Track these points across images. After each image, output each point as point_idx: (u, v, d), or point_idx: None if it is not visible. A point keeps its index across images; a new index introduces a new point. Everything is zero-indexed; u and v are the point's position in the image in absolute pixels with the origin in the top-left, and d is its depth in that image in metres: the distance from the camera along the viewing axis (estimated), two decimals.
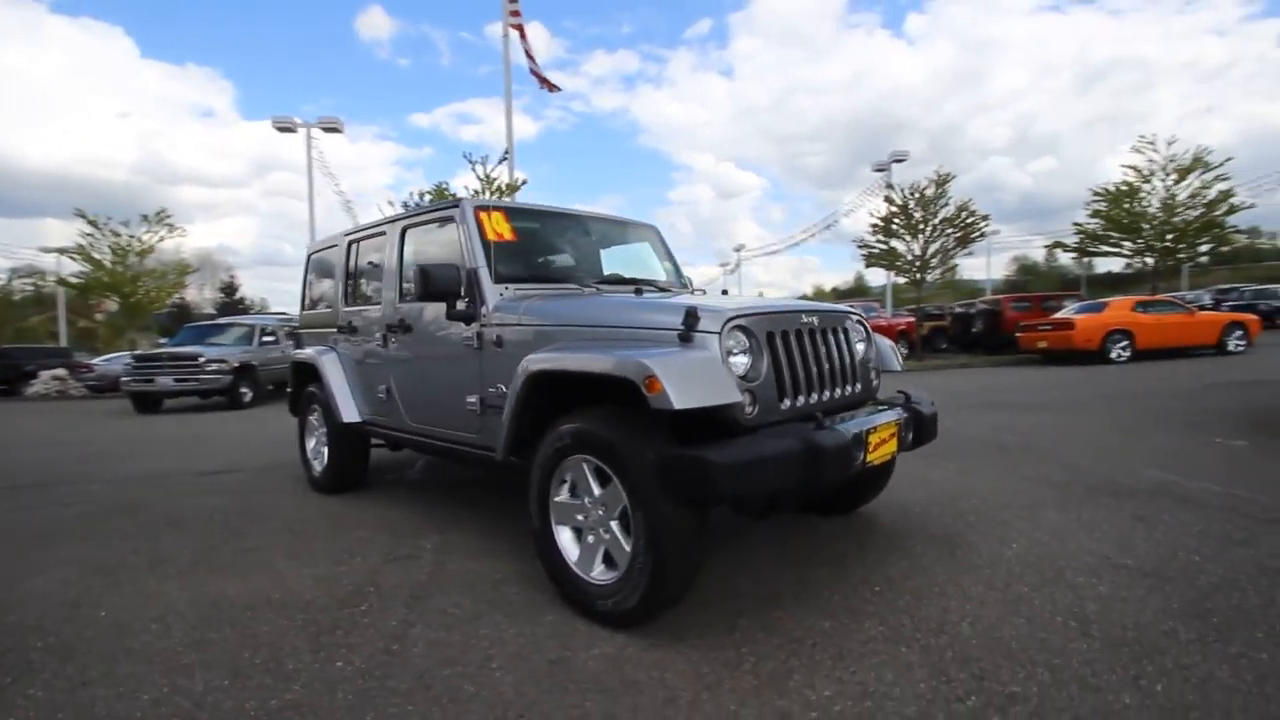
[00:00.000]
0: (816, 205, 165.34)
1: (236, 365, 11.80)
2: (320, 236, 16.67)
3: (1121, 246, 16.27)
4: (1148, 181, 15.50)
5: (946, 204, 14.50)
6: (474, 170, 13.95)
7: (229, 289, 51.55)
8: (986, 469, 4.45)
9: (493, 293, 3.09)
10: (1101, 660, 2.01)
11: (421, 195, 14.37)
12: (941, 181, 14.66)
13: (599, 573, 2.41)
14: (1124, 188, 15.91)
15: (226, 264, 52.47)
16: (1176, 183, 15.00)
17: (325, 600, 2.71)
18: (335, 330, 4.41)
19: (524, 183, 14.39)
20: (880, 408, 2.85)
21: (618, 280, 3.60)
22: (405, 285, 3.73)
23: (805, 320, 2.64)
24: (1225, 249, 16.49)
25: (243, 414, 10.59)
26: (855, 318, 2.99)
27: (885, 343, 3.24)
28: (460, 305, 3.12)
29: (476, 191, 13.76)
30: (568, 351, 2.51)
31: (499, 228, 3.31)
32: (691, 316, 2.31)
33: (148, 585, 2.95)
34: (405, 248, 3.75)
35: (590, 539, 2.45)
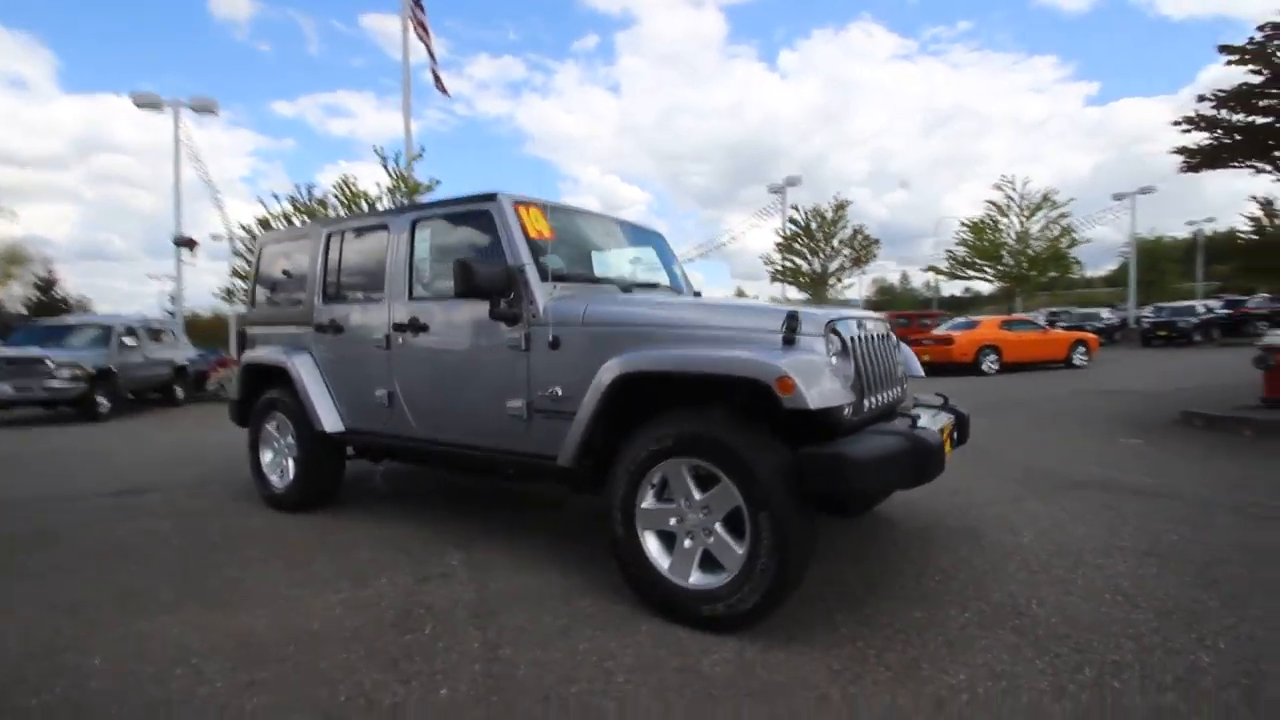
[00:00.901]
0: (699, 223, 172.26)
1: (92, 372, 10.22)
2: (177, 229, 14.80)
3: (985, 271, 18.49)
4: (1005, 216, 17.76)
5: (845, 227, 15.71)
6: (385, 168, 13.13)
7: (46, 285, 44.27)
8: (951, 467, 4.84)
9: (542, 292, 2.94)
10: (1165, 628, 2.27)
11: (310, 190, 13.46)
12: (839, 207, 15.87)
13: (698, 578, 2.37)
14: (986, 220, 18.10)
15: (42, 256, 44.77)
16: (1029, 218, 17.32)
17: (375, 627, 2.43)
18: (308, 329, 3.97)
19: (438, 183, 13.74)
20: (929, 409, 3.04)
21: (636, 284, 3.56)
22: (419, 281, 3.46)
23: (870, 325, 2.77)
24: (1071, 275, 19.19)
25: (104, 427, 9.18)
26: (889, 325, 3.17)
27: (907, 349, 3.46)
28: (503, 305, 2.95)
29: (390, 190, 12.96)
30: (668, 351, 2.45)
31: (538, 224, 3.17)
32: (794, 320, 2.35)
33: (135, 625, 2.49)
34: (417, 243, 3.48)
35: (687, 544, 2.40)
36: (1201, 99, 7.42)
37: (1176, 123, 7.73)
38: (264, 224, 14.18)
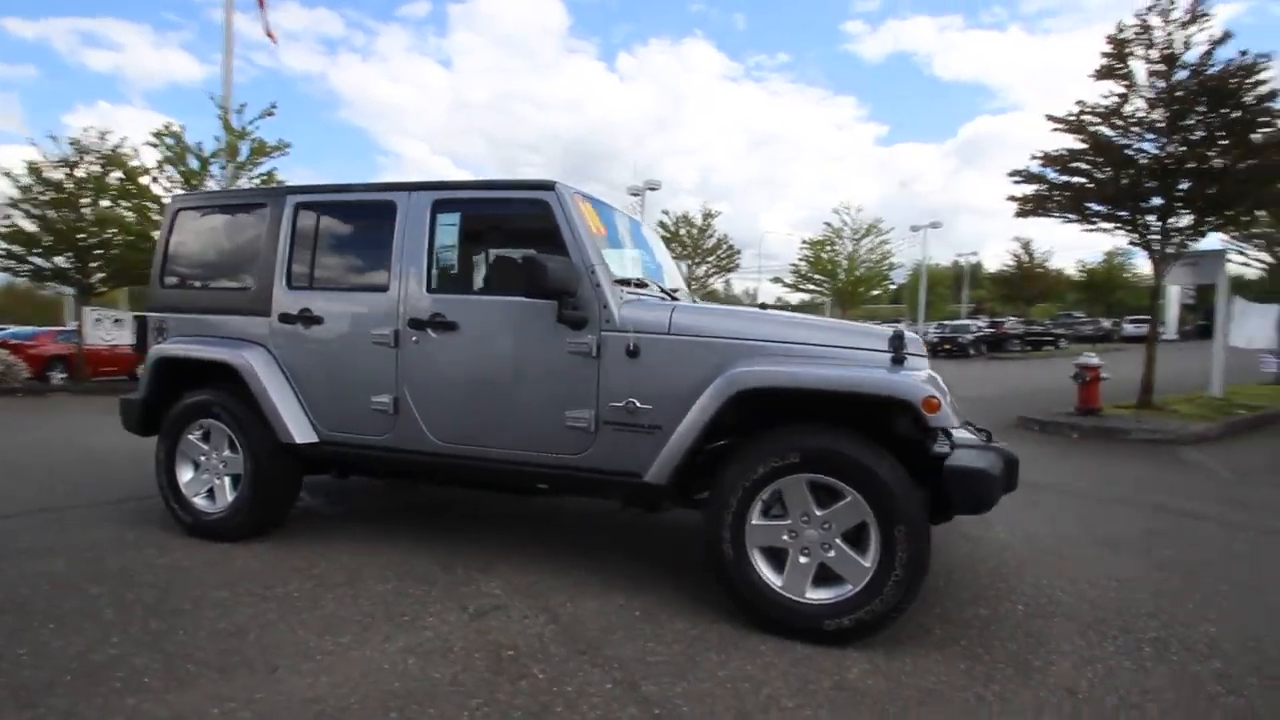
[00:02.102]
0: None
1: None
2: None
3: (821, 286, 20.66)
4: (840, 238, 20.00)
5: (712, 235, 16.57)
6: (223, 120, 11.19)
7: None
8: None
9: (616, 295, 2.75)
10: (1164, 606, 2.75)
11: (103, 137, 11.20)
12: (708, 215, 16.70)
13: (815, 593, 2.38)
14: (823, 240, 20.22)
15: None
16: (859, 241, 19.69)
17: (473, 677, 2.10)
18: (264, 319, 3.29)
19: (289, 147, 12.00)
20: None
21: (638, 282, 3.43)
22: (441, 272, 3.03)
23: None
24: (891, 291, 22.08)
25: None
26: None
27: None
28: (571, 307, 2.71)
29: (224, 150, 11.06)
30: (806, 369, 2.41)
31: (594, 220, 2.96)
32: (900, 340, 2.46)
33: (146, 708, 1.89)
34: (439, 227, 3.04)
35: (802, 560, 2.40)
36: (1032, 158, 9.00)
37: (1011, 174, 9.30)
38: (35, 171, 11.40)
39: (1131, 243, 8.85)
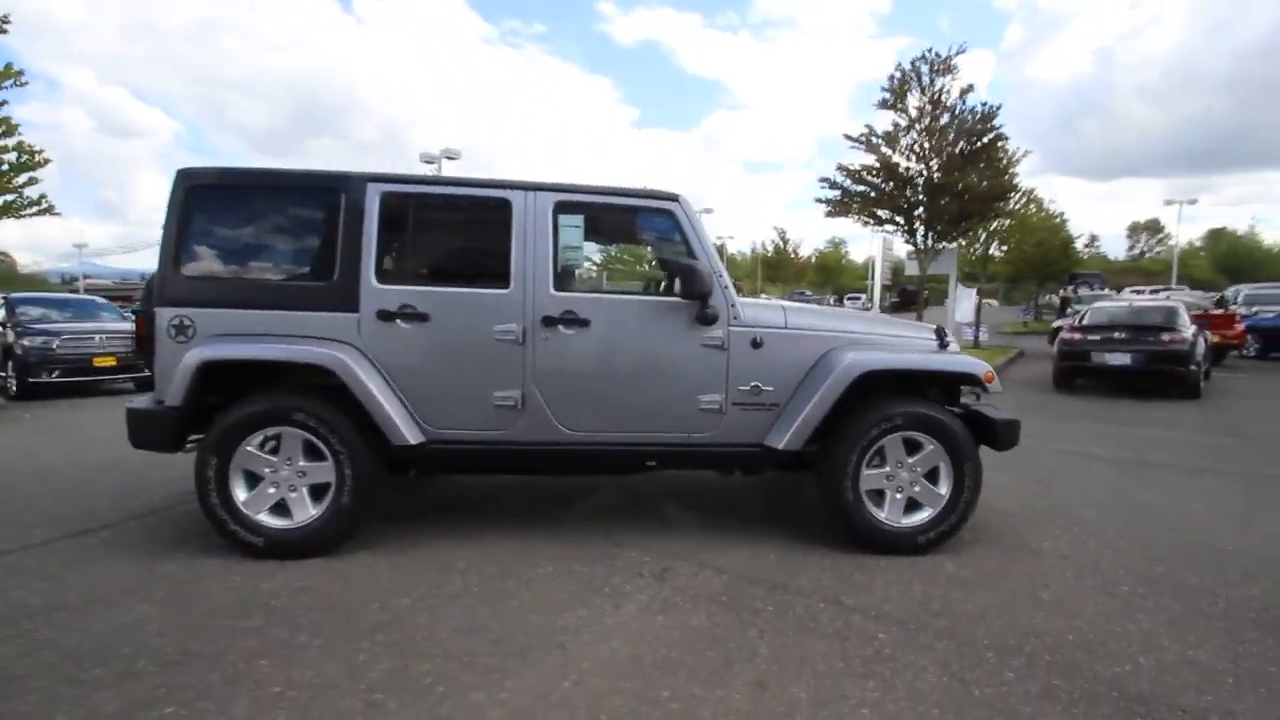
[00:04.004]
0: None
1: None
2: None
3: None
4: None
5: None
6: None
7: None
8: None
9: (734, 295, 3.26)
10: (1198, 570, 4.16)
11: None
12: None
13: (907, 519, 3.25)
14: None
15: None
16: None
17: (719, 616, 2.56)
18: (350, 316, 3.07)
19: (21, 76, 9.17)
20: None
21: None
22: (567, 271, 3.18)
23: None
24: None
25: None
26: None
27: None
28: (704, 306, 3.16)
29: None
30: (898, 355, 3.20)
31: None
32: (942, 331, 3.43)
33: (475, 699, 2.01)
34: (562, 228, 3.18)
35: (897, 496, 3.24)
36: (838, 168, 11.07)
37: (821, 180, 11.31)
38: None
39: (905, 241, 11.49)
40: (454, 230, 3.28)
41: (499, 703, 1.99)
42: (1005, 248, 25.30)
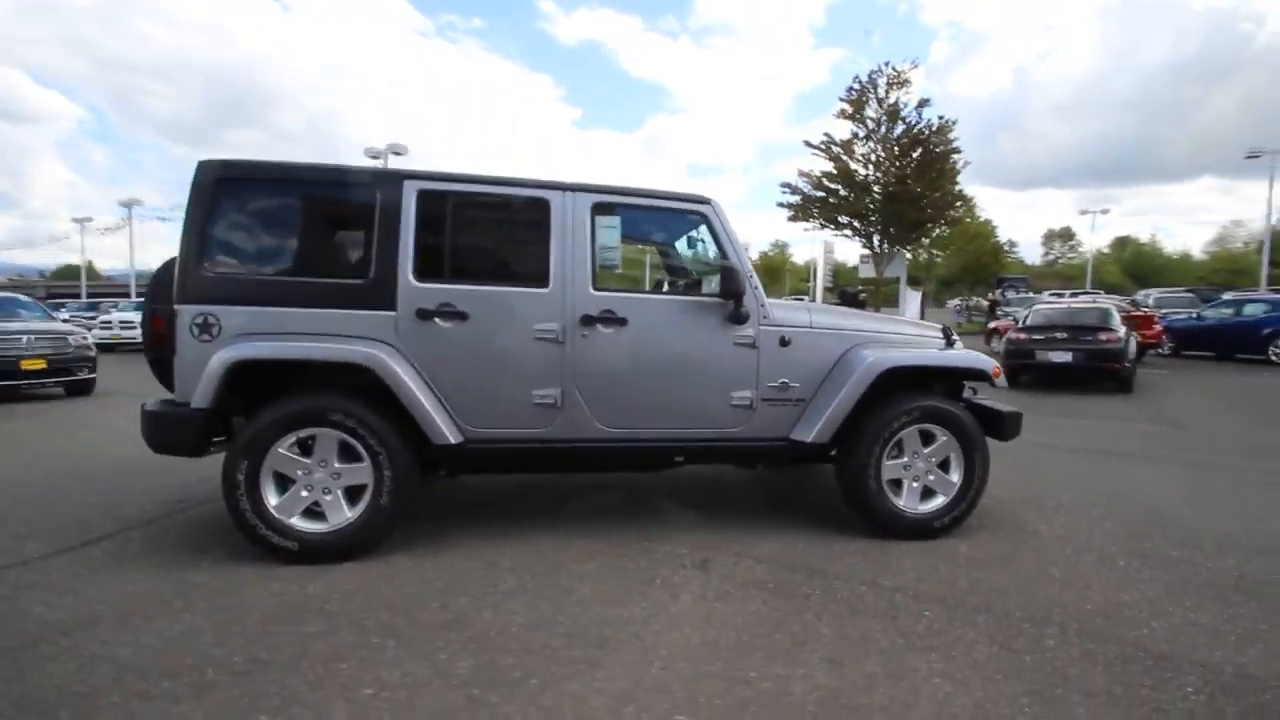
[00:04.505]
0: (167, 161, 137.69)
1: None
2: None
3: None
4: None
5: None
6: None
7: None
8: None
9: (763, 295, 3.39)
10: (1199, 549, 4.50)
11: None
12: None
13: (922, 506, 3.45)
14: None
15: None
16: None
17: (773, 600, 2.68)
18: (388, 314, 3.03)
19: None
20: None
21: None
22: (603, 271, 3.23)
23: None
24: None
25: None
26: None
27: None
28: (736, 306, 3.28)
29: None
30: (916, 352, 3.41)
31: None
32: (949, 330, 3.67)
33: (572, 690, 2.06)
34: (599, 229, 3.23)
35: (914, 485, 3.45)
36: (800, 174, 11.45)
37: (782, 186, 11.67)
38: None
39: (863, 245, 12.01)
40: (492, 229, 3.28)
41: (596, 691, 2.04)
42: (941, 254, 26.72)
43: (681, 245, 3.69)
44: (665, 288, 4.14)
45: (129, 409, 4.22)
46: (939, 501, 3.47)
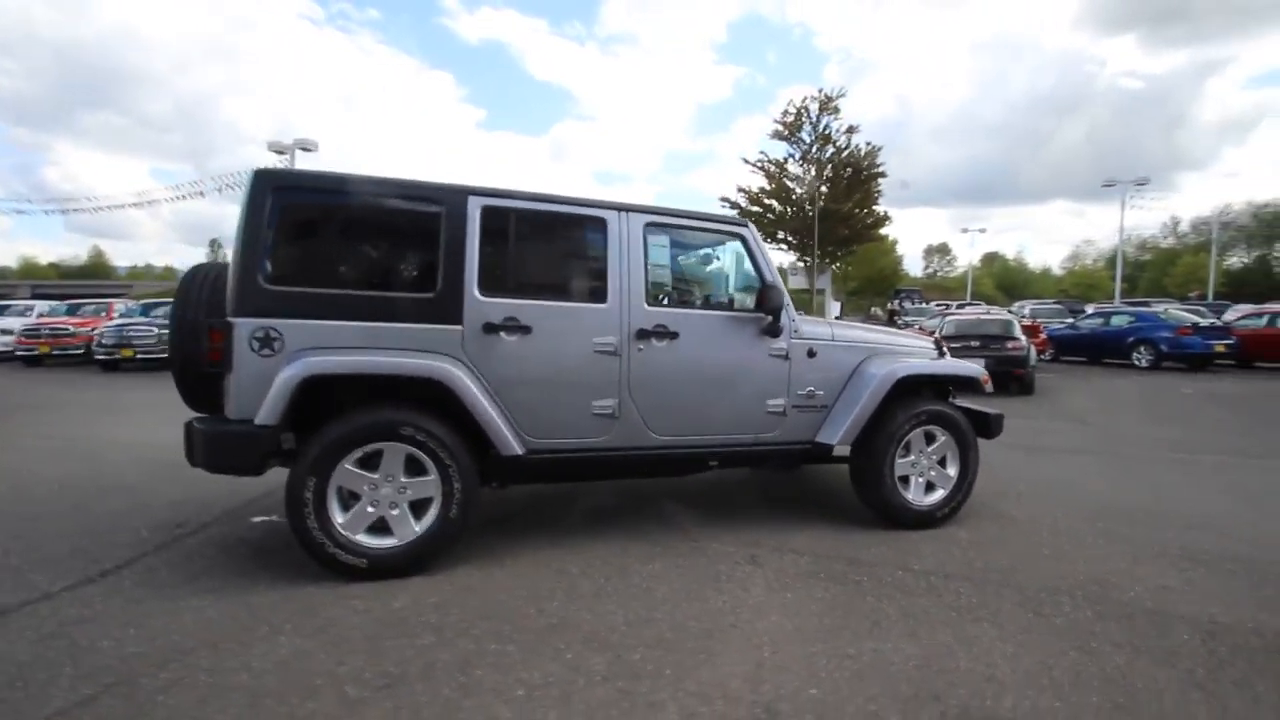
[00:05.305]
0: (8, 146, 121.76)
1: None
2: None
3: None
4: None
5: None
6: None
7: None
8: None
9: (794, 311, 3.71)
10: (1130, 530, 5.12)
11: None
12: None
13: (926, 499, 3.89)
14: None
15: None
16: None
17: (831, 591, 2.98)
18: (454, 329, 3.07)
19: None
20: None
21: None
22: (656, 287, 3.42)
23: None
24: None
25: None
26: None
27: None
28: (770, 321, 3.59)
29: None
30: (923, 361, 3.83)
31: None
32: (941, 341, 4.16)
33: (708, 678, 2.25)
34: (652, 247, 3.42)
35: (920, 480, 3.88)
36: (739, 190, 12.05)
37: (722, 199, 12.23)
38: None
39: (800, 259, 12.78)
40: (552, 246, 3.39)
41: (730, 675, 2.24)
42: (851, 267, 28.80)
43: (717, 264, 3.95)
44: (699, 304, 4.37)
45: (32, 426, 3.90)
46: (939, 494, 3.92)
